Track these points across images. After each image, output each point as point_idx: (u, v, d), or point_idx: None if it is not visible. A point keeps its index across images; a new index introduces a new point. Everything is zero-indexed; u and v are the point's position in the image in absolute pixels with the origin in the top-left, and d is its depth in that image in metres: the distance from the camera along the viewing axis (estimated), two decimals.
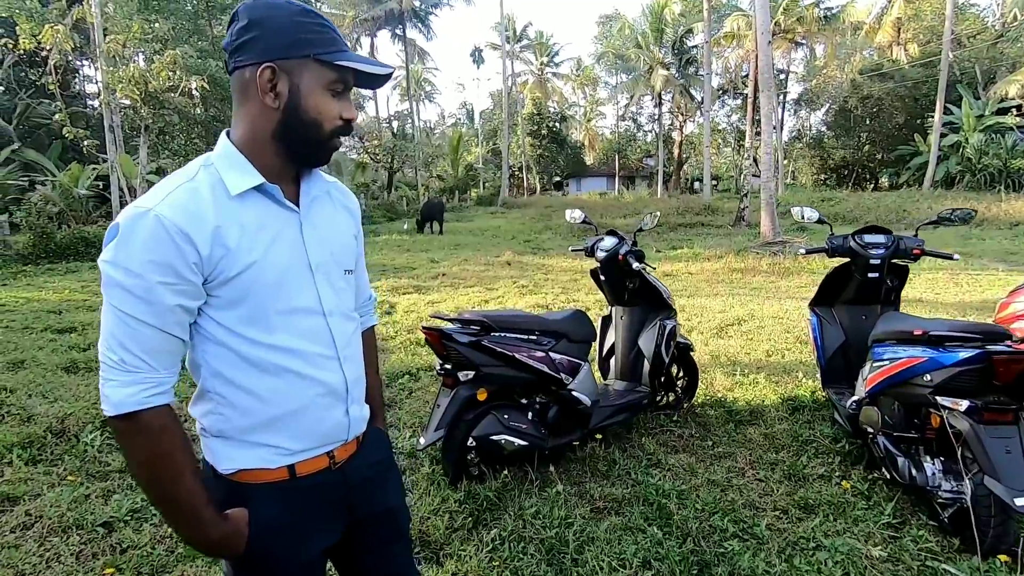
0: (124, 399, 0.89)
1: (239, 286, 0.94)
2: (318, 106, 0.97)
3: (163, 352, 0.92)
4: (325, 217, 1.08)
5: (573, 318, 2.94)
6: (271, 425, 1.01)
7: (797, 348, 4.78)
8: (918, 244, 2.99)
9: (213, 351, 0.97)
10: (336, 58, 0.97)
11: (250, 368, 0.98)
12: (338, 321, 1.07)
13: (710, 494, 2.54)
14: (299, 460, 1.04)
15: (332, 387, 1.05)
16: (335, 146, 1.03)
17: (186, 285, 0.90)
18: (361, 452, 1.15)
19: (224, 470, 1.02)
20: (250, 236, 0.94)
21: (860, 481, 2.61)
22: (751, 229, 14.74)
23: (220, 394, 0.99)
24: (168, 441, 0.93)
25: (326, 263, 1.05)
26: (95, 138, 14.16)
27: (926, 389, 2.21)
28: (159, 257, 0.87)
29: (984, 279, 7.69)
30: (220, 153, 0.98)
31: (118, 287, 0.88)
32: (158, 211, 0.88)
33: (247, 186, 0.95)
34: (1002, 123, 23.15)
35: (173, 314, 0.91)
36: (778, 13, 23.86)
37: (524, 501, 2.46)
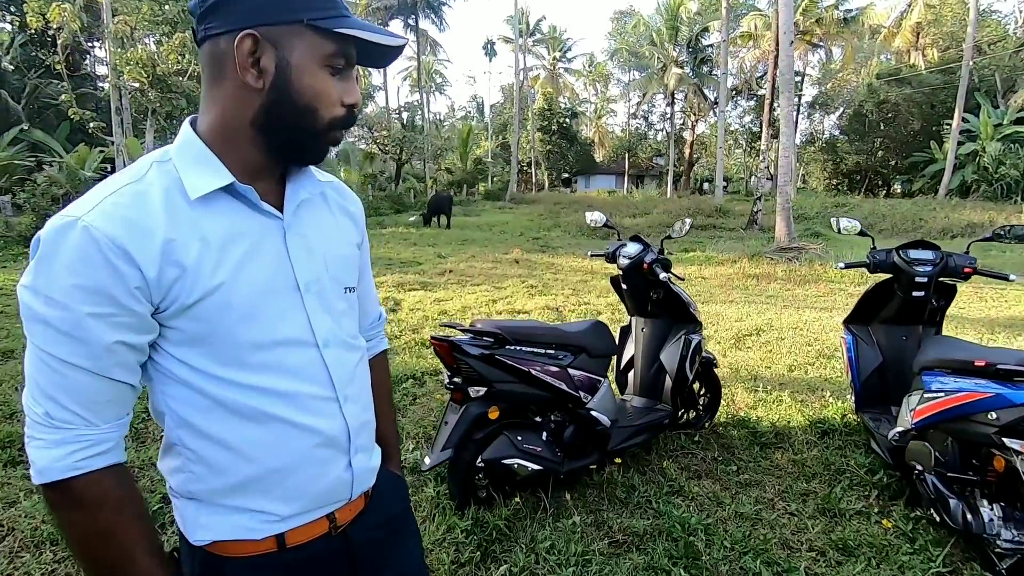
0: (50, 464, 0.70)
1: (202, 316, 0.74)
2: (314, 87, 0.76)
3: (103, 403, 0.72)
4: (318, 224, 0.87)
5: (593, 330, 2.72)
6: (254, 485, 0.80)
7: (821, 363, 4.55)
8: (970, 262, 2.76)
9: (178, 395, 0.77)
10: (336, 24, 0.75)
11: (225, 415, 0.77)
12: (336, 353, 0.85)
13: (739, 529, 2.33)
14: (290, 528, 0.84)
15: (330, 436, 0.84)
16: (333, 140, 0.81)
17: (127, 316, 0.70)
18: (370, 509, 0.95)
19: (197, 541, 0.82)
20: (215, 251, 0.74)
21: (902, 520, 2.39)
22: (764, 233, 14.47)
23: (189, 448, 0.79)
24: (109, 516, 0.72)
25: (319, 281, 0.84)
26: (103, 120, 14.00)
27: (990, 428, 1.98)
28: (88, 281, 0.67)
29: (1010, 294, 7.44)
30: (180, 146, 0.77)
31: (39, 321, 0.68)
32: (88, 221, 0.67)
33: (211, 187, 0.74)
34: (1021, 132, 22.73)
35: (112, 354, 0.70)
36: (797, 14, 23.45)
37: (537, 532, 2.25)
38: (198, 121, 0.80)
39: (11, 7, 19.56)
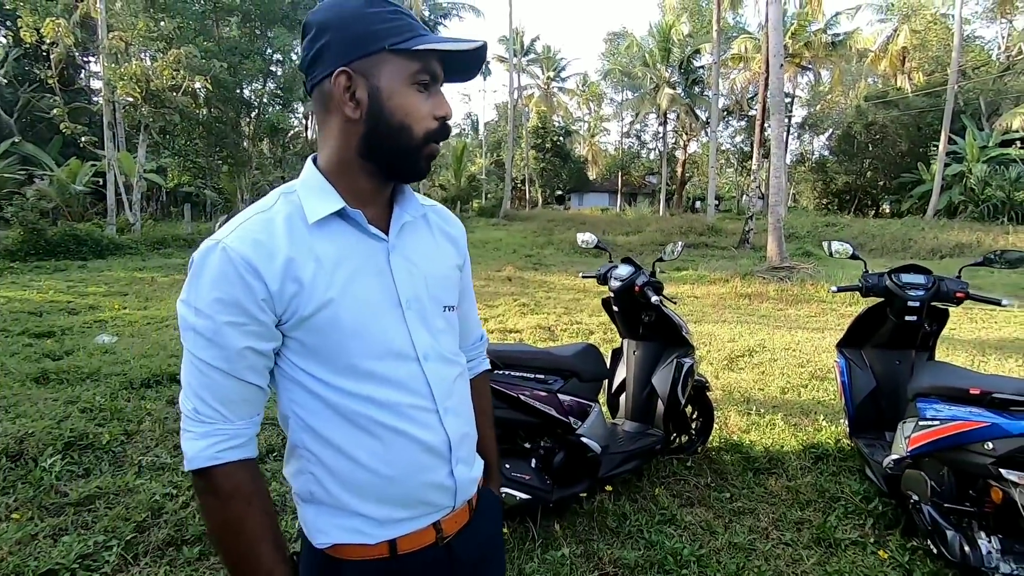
0: (197, 453, 0.80)
1: (317, 327, 0.82)
2: (404, 106, 0.83)
3: (237, 401, 0.82)
4: (420, 245, 0.94)
5: (584, 354, 2.68)
6: (365, 490, 0.86)
7: (814, 385, 4.52)
8: (962, 287, 2.75)
9: (301, 401, 0.85)
10: (414, 43, 0.81)
11: (341, 422, 0.84)
12: (437, 367, 0.90)
13: (732, 560, 2.27)
14: (401, 534, 0.88)
15: (431, 445, 0.89)
16: (431, 152, 0.87)
17: (256, 325, 0.79)
18: (473, 524, 0.98)
19: (318, 544, 0.88)
20: (327, 270, 0.82)
21: (899, 551, 2.33)
22: (756, 252, 14.55)
23: (310, 451, 0.86)
24: (239, 506, 0.81)
25: (419, 299, 0.90)
26: (97, 135, 13.95)
27: (987, 459, 1.95)
28: (225, 294, 0.77)
29: (999, 316, 7.47)
30: (304, 180, 0.87)
31: (190, 329, 0.79)
32: (226, 243, 0.78)
33: (326, 212, 0.83)
34: (1006, 155, 23.14)
35: (243, 358, 0.80)
36: (786, 37, 23.90)
37: (525, 565, 2.18)
38: (317, 158, 0.89)
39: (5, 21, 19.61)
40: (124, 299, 7.70)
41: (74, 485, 2.78)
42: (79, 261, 11.24)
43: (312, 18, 0.84)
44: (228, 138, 15.45)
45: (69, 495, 2.68)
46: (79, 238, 11.81)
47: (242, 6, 14.98)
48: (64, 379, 4.20)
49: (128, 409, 3.66)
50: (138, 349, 5.03)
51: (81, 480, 2.85)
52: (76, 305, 7.12)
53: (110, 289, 8.40)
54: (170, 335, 5.77)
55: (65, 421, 3.37)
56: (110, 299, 7.62)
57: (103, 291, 8.21)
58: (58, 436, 3.16)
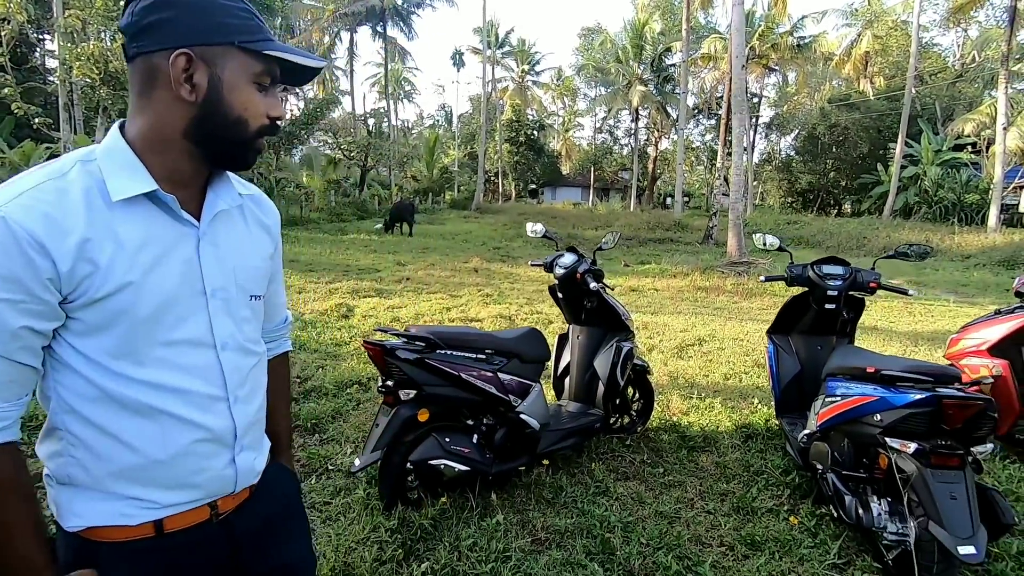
0: None
1: (107, 310, 0.79)
2: (243, 102, 0.84)
3: (4, 382, 0.76)
4: (232, 234, 0.94)
5: (527, 337, 2.82)
6: (134, 474, 0.84)
7: (755, 372, 4.77)
8: (875, 277, 2.98)
9: (67, 383, 0.81)
10: (264, 47, 0.84)
11: (113, 406, 0.82)
12: (233, 356, 0.91)
13: (656, 527, 2.45)
14: (169, 514, 0.87)
15: (216, 433, 0.89)
16: (259, 147, 0.90)
17: (36, 304, 0.75)
18: (255, 500, 0.99)
19: (71, 527, 0.85)
20: (128, 253, 0.79)
21: (808, 517, 2.55)
22: (718, 247, 14.96)
23: (73, 434, 0.82)
24: (3, 491, 0.76)
25: (226, 288, 0.90)
26: (52, 116, 13.47)
27: (875, 429, 2.16)
28: (3, 270, 0.72)
29: (936, 310, 7.91)
30: (107, 149, 0.82)
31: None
32: (6, 212, 0.72)
33: (134, 192, 0.80)
34: (958, 158, 24.24)
35: (17, 338, 0.75)
36: (754, 38, 24.45)
37: (461, 531, 2.32)
38: (126, 127, 0.85)
39: None
40: None
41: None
42: None
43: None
44: None
45: None
46: None
47: None
48: None
49: None
50: None
51: None
52: None
53: None
54: None
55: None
56: None
57: None
58: None
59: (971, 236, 16.59)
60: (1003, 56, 17.90)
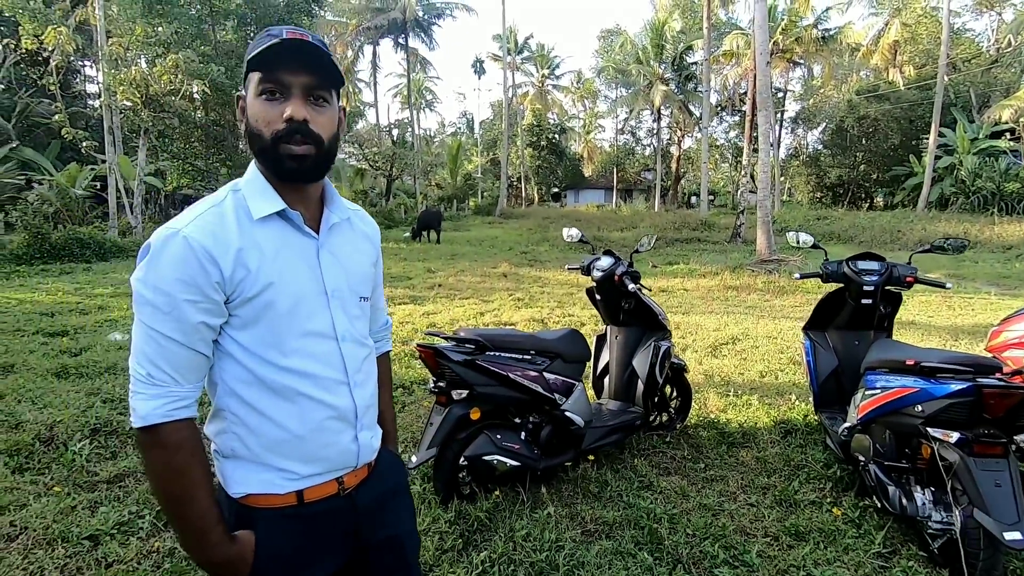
0: (150, 412, 0.92)
1: (256, 307, 0.97)
2: (255, 114, 0.97)
3: (188, 368, 0.95)
4: (344, 244, 1.10)
5: (568, 337, 2.94)
6: (281, 448, 1.01)
7: (791, 369, 4.79)
8: (911, 272, 3.02)
9: (230, 369, 1.00)
10: (253, 59, 0.95)
11: (264, 389, 0.99)
12: (350, 347, 1.07)
13: (701, 519, 2.53)
14: (307, 486, 1.04)
15: (342, 411, 1.06)
16: (287, 152, 0.96)
17: (209, 303, 0.94)
18: (372, 478, 1.15)
19: (234, 493, 1.02)
20: (269, 259, 0.97)
21: (851, 508, 2.61)
22: (747, 246, 14.81)
23: (234, 413, 1.01)
24: (184, 457, 0.94)
25: (341, 289, 1.07)
26: (93, 139, 14.16)
27: (917, 419, 2.22)
28: (186, 276, 0.91)
29: (977, 303, 7.75)
30: (248, 179, 1.03)
31: (148, 304, 0.92)
32: (186, 232, 0.92)
33: (268, 211, 0.98)
34: (995, 146, 23.43)
35: (197, 331, 0.94)
36: (777, 33, 24.15)
37: (515, 522, 2.45)
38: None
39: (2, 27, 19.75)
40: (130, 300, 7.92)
41: (103, 466, 3.04)
42: (83, 264, 11.46)
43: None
44: (226, 140, 15.66)
45: (100, 474, 2.94)
46: (82, 241, 12.03)
47: (238, 10, 15.18)
48: (83, 373, 4.45)
49: None
50: None
51: (109, 462, 3.10)
52: (85, 306, 7.36)
53: (116, 290, 8.63)
54: None
55: (90, 410, 3.63)
56: (118, 300, 7.86)
57: (110, 292, 8.44)
58: (84, 423, 3.41)
59: (1012, 226, 16.08)
60: None
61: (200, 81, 13.35)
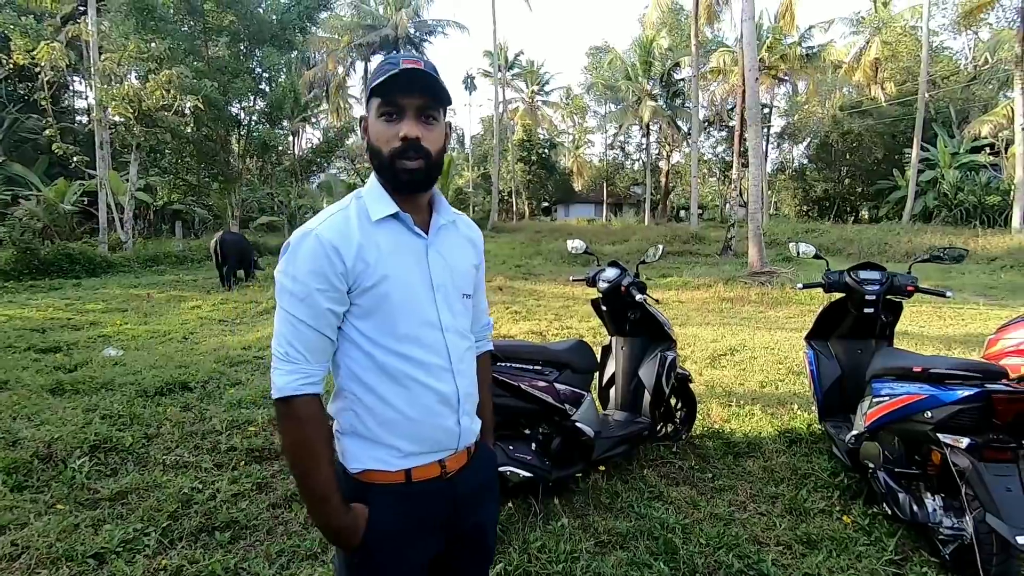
0: (285, 385, 1.05)
1: (373, 297, 1.07)
2: (375, 134, 1.10)
3: (317, 349, 1.07)
4: (449, 245, 1.20)
5: (576, 348, 2.95)
6: (393, 427, 1.10)
7: (791, 379, 4.83)
8: (912, 281, 3.07)
9: (352, 354, 1.11)
10: (376, 84, 1.07)
11: (380, 373, 1.09)
12: (453, 337, 1.16)
13: (713, 528, 2.54)
14: (415, 464, 1.12)
15: (446, 396, 1.14)
16: (403, 167, 1.09)
17: (335, 292, 1.06)
18: (470, 466, 1.22)
19: (352, 469, 1.13)
20: (385, 255, 1.08)
21: (861, 516, 2.62)
22: (738, 258, 14.97)
23: (354, 394, 1.11)
24: (312, 429, 1.06)
25: (446, 285, 1.16)
26: (83, 154, 14.05)
27: (927, 426, 2.25)
28: (317, 267, 1.04)
29: (966, 313, 7.87)
30: (368, 187, 1.15)
31: (287, 293, 1.06)
32: (318, 231, 1.06)
33: (384, 214, 1.10)
34: (976, 161, 24.00)
35: (325, 317, 1.06)
36: (763, 50, 24.66)
37: (529, 534, 2.43)
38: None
39: None
40: (124, 315, 7.84)
41: (104, 483, 2.98)
42: (73, 279, 11.32)
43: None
44: (218, 156, 15.61)
45: (101, 491, 2.89)
46: (72, 257, 11.90)
47: (231, 26, 15.23)
48: (79, 389, 4.38)
49: (146, 415, 3.86)
50: (146, 361, 5.21)
51: (110, 479, 3.05)
52: (77, 322, 7.26)
53: (108, 306, 8.53)
54: (175, 348, 5.95)
55: (88, 426, 3.56)
56: (110, 315, 7.76)
57: (102, 308, 8.34)
58: (83, 440, 3.35)
59: (995, 238, 16.40)
60: (1017, 57, 17.87)
61: (193, 96, 13.34)
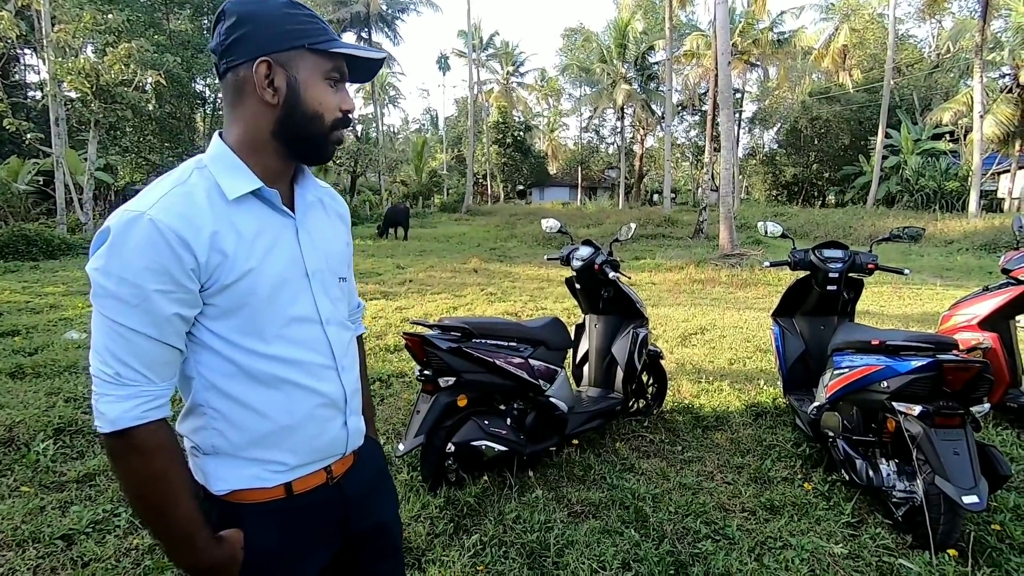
0: (121, 415, 0.84)
1: (235, 294, 0.89)
2: (318, 98, 0.94)
3: (161, 364, 0.87)
4: (320, 224, 1.05)
5: (551, 325, 2.99)
6: (268, 440, 0.95)
7: (758, 357, 4.98)
8: (872, 259, 3.19)
9: (208, 362, 0.92)
10: (330, 46, 0.93)
11: (247, 380, 0.93)
12: (335, 330, 1.03)
13: (682, 497, 2.63)
14: (296, 477, 0.99)
15: (331, 398, 1.01)
16: (336, 139, 0.98)
17: (184, 293, 0.85)
18: (358, 465, 1.11)
19: (218, 491, 0.96)
20: (247, 242, 0.90)
21: (821, 483, 2.74)
22: (710, 241, 15.22)
23: (215, 408, 0.93)
24: (164, 460, 0.87)
25: (321, 271, 1.01)
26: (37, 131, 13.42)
27: (883, 395, 2.35)
28: (155, 264, 0.82)
29: (924, 293, 8.19)
30: (213, 155, 0.93)
31: (111, 297, 0.82)
32: (152, 215, 0.83)
33: (245, 190, 0.91)
34: (937, 148, 24.79)
35: (171, 324, 0.86)
36: (735, 35, 24.84)
37: (504, 506, 2.48)
38: (224, 135, 0.96)
39: None
40: (85, 298, 7.59)
41: (71, 465, 2.92)
42: (30, 262, 10.87)
43: (231, 7, 0.91)
44: (183, 135, 15.11)
45: (68, 474, 2.83)
46: (28, 238, 11.41)
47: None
48: (41, 373, 4.24)
49: None
50: None
51: (76, 461, 2.98)
52: (36, 304, 7.00)
53: (69, 289, 8.23)
54: None
55: (52, 410, 3.47)
56: (70, 298, 7.50)
57: (62, 291, 8.05)
58: (47, 423, 3.27)
59: (953, 222, 17.02)
60: (977, 46, 18.40)
61: (154, 71, 12.82)
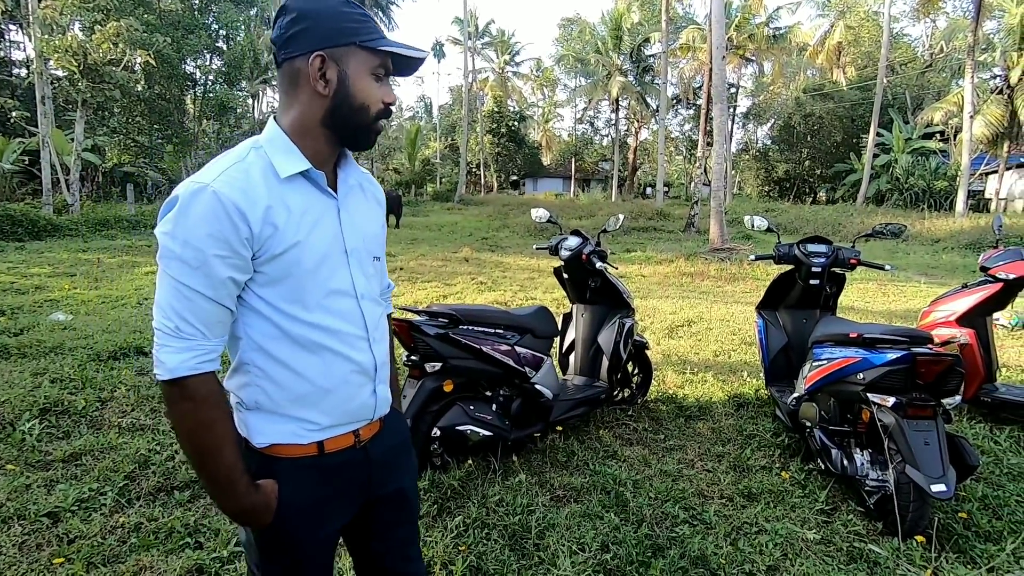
0: (178, 364, 0.93)
1: (283, 264, 0.99)
2: (365, 91, 1.03)
3: (216, 322, 0.97)
4: (359, 206, 1.14)
5: (538, 314, 3.03)
6: (305, 399, 1.05)
7: (743, 349, 5.05)
8: (855, 255, 3.24)
9: (256, 324, 1.02)
10: (378, 44, 1.02)
11: (290, 343, 1.02)
12: (368, 304, 1.11)
13: (662, 483, 2.68)
14: (328, 436, 1.08)
15: (363, 366, 1.10)
16: (379, 129, 1.08)
17: (238, 259, 0.95)
18: (383, 433, 1.19)
19: (258, 444, 1.06)
20: (296, 218, 0.99)
21: (798, 472, 2.81)
22: (700, 235, 15.32)
23: (259, 367, 1.03)
24: (211, 409, 0.97)
25: (359, 249, 1.10)
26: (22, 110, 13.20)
27: (859, 386, 2.42)
28: (216, 231, 0.92)
29: (908, 290, 8.32)
30: (269, 137, 1.03)
31: (176, 259, 0.92)
32: (215, 187, 0.92)
33: (295, 170, 1.00)
34: (927, 147, 25.00)
35: (225, 286, 0.95)
36: (731, 29, 24.82)
37: (488, 489, 2.53)
38: (278, 119, 1.05)
39: None
40: (72, 280, 7.53)
41: (57, 445, 2.93)
42: (15, 242, 10.75)
43: (292, 4, 1.01)
44: (172, 116, 14.92)
45: (53, 453, 2.84)
46: (14, 219, 11.27)
47: None
48: (26, 353, 4.23)
49: (99, 379, 3.77)
50: (98, 326, 5.05)
51: (62, 441, 3.00)
52: (21, 285, 6.94)
53: (55, 270, 8.16)
54: (129, 313, 5.77)
55: (37, 390, 3.47)
56: (57, 280, 7.44)
57: (48, 272, 7.97)
58: (32, 403, 3.27)
59: (940, 221, 17.19)
60: (969, 46, 18.51)
61: (143, 51, 12.62)
